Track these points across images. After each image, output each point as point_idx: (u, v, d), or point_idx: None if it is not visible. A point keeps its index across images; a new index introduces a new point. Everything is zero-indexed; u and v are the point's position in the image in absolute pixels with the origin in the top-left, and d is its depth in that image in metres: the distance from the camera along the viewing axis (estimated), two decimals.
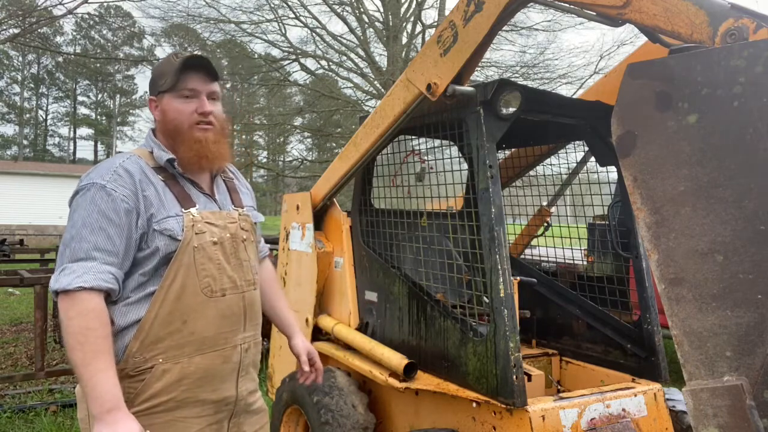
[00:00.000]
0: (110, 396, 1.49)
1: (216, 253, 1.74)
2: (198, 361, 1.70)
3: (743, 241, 1.44)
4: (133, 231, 1.63)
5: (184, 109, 1.75)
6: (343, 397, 3.09)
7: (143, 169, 1.71)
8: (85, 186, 1.64)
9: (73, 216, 1.62)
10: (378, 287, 3.20)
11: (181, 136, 1.76)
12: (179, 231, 1.68)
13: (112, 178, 1.64)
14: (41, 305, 4.57)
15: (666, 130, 1.56)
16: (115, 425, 1.47)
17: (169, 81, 1.74)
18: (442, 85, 2.45)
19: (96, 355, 1.50)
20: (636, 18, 1.83)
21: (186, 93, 1.75)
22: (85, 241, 1.57)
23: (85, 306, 1.52)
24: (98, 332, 1.52)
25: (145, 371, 1.64)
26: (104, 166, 1.70)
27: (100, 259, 1.57)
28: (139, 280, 1.66)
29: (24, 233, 22.15)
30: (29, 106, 51.84)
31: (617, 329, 3.01)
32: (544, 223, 3.81)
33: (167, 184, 1.74)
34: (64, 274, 1.54)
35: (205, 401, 1.74)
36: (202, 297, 1.70)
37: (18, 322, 9.02)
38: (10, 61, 47.80)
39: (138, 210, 1.64)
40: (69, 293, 1.52)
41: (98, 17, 36.48)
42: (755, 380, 1.40)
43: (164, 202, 1.70)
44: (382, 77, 15.60)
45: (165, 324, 1.65)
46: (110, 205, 1.60)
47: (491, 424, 2.49)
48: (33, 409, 4.74)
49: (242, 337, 1.82)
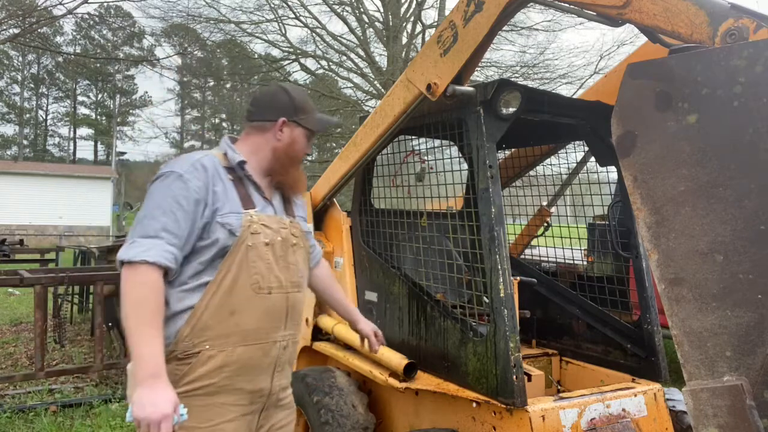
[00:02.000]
0: (154, 363, 1.63)
1: (267, 254, 1.89)
2: (240, 352, 1.83)
3: (743, 241, 1.44)
4: (198, 219, 1.79)
5: (305, 147, 2.06)
6: (343, 397, 3.09)
7: (216, 167, 1.89)
8: (165, 173, 1.81)
9: (151, 197, 1.79)
10: (378, 287, 3.20)
11: (293, 164, 2.04)
12: (238, 227, 1.83)
13: (189, 170, 1.81)
14: (41, 305, 4.57)
15: (666, 130, 1.56)
16: (154, 390, 1.59)
17: (312, 124, 2.05)
18: (442, 85, 2.45)
19: (146, 324, 1.65)
20: (636, 18, 1.83)
21: (311, 136, 2.08)
22: (156, 220, 1.73)
23: (144, 278, 1.67)
24: (152, 303, 1.67)
25: (192, 355, 1.78)
26: (185, 158, 1.88)
27: (166, 239, 1.72)
28: (196, 268, 1.81)
29: (24, 233, 22.12)
30: (29, 106, 51.81)
31: (617, 329, 3.01)
32: (544, 223, 3.81)
33: (234, 184, 1.91)
34: (132, 247, 1.69)
35: (242, 390, 1.85)
36: (250, 292, 1.84)
37: (18, 322, 9.02)
38: (10, 61, 47.75)
39: (206, 201, 1.81)
40: (133, 264, 1.67)
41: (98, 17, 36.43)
42: (755, 380, 1.40)
43: (229, 199, 1.86)
44: (382, 77, 15.60)
45: (214, 313, 1.79)
46: (183, 192, 1.77)
47: (491, 424, 2.49)
48: (33, 409, 4.74)
49: (282, 335, 1.95)
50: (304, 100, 2.05)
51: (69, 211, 26.95)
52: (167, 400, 1.59)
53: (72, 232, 25.74)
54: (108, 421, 4.51)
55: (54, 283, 4.94)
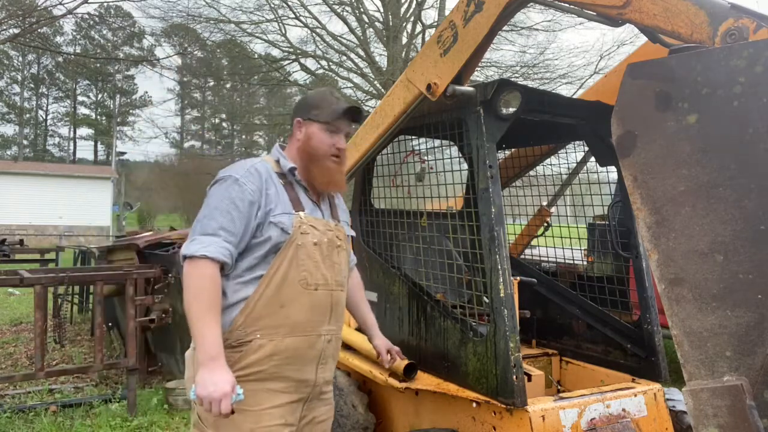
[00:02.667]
0: (214, 347, 1.77)
1: (314, 253, 2.02)
2: (288, 342, 1.95)
3: (743, 241, 1.44)
4: (252, 219, 1.94)
5: (326, 140, 2.10)
6: (343, 397, 3.09)
7: (269, 172, 2.04)
8: (224, 177, 1.98)
9: (209, 199, 1.96)
10: (378, 287, 3.20)
11: (316, 161, 2.10)
12: (290, 226, 1.97)
13: (245, 175, 1.96)
14: (41, 305, 4.57)
15: (666, 130, 1.56)
16: (214, 371, 1.74)
17: (324, 116, 2.09)
18: (442, 85, 2.45)
19: (207, 311, 1.80)
20: (636, 18, 1.83)
21: (332, 128, 2.11)
22: (214, 220, 1.89)
23: (204, 270, 1.83)
24: (211, 293, 1.82)
25: (245, 344, 1.91)
26: (241, 164, 2.03)
27: (223, 237, 1.88)
28: (251, 262, 1.95)
29: (24, 233, 22.10)
30: (29, 106, 51.78)
31: (617, 329, 3.01)
32: (544, 223, 3.81)
33: (286, 188, 2.06)
34: (194, 243, 1.86)
35: (289, 378, 1.98)
36: (298, 287, 1.97)
37: (18, 322, 9.01)
38: (10, 61, 47.73)
39: (259, 203, 1.95)
40: (194, 259, 1.84)
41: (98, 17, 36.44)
42: (755, 380, 1.40)
43: (281, 201, 2.01)
44: (382, 77, 15.60)
45: (266, 305, 1.93)
46: (239, 195, 1.92)
47: (491, 424, 2.49)
48: (33, 409, 4.73)
49: (326, 329, 2.07)
50: (320, 97, 2.16)
51: (69, 211, 26.95)
52: (226, 381, 1.74)
53: (72, 232, 25.73)
54: (108, 421, 4.51)
55: (54, 283, 4.94)
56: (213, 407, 1.71)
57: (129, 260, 6.47)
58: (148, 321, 5.17)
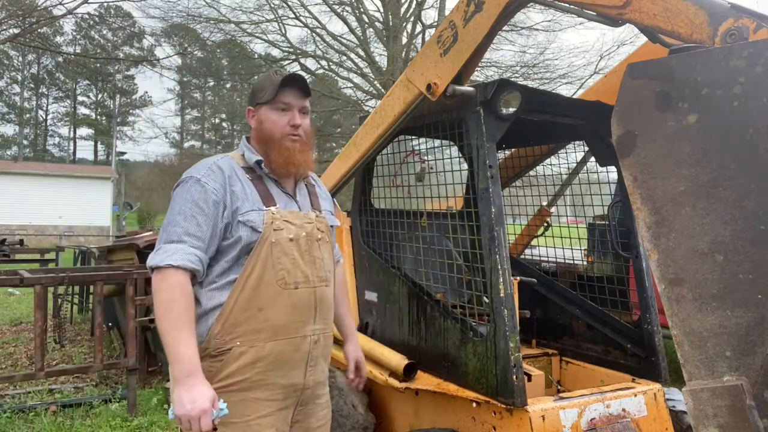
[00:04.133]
0: (189, 361, 1.68)
1: (291, 249, 1.91)
2: (271, 347, 1.86)
3: (743, 241, 1.44)
4: (219, 220, 1.84)
5: (278, 120, 1.96)
6: (343, 397, 3.09)
7: (233, 168, 1.93)
8: (185, 179, 1.88)
9: (172, 204, 1.86)
10: (378, 287, 3.20)
11: (273, 143, 1.96)
12: (260, 224, 1.86)
13: (206, 173, 1.86)
14: (41, 305, 4.57)
15: (666, 130, 1.56)
16: (193, 388, 1.65)
17: (267, 94, 1.95)
18: (442, 85, 2.45)
19: (178, 324, 1.70)
20: (636, 18, 1.83)
21: (281, 106, 1.96)
22: (178, 226, 1.80)
23: (172, 281, 1.74)
24: (181, 304, 1.72)
25: (224, 352, 1.82)
26: (202, 163, 1.93)
27: (189, 243, 1.78)
28: (223, 266, 1.86)
29: (24, 233, 22.12)
30: (29, 106, 51.79)
31: (617, 329, 3.01)
32: (544, 223, 3.81)
33: (254, 182, 1.94)
34: (159, 253, 1.77)
35: (276, 385, 1.88)
36: (276, 288, 1.87)
37: (18, 322, 9.01)
38: (10, 61, 47.74)
39: (225, 202, 1.85)
40: (160, 269, 1.75)
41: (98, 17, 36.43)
42: (755, 380, 1.40)
43: (249, 198, 1.89)
44: (382, 77, 15.60)
45: (243, 310, 1.83)
46: (202, 196, 1.82)
47: (491, 424, 2.49)
48: (33, 409, 4.73)
49: (312, 329, 1.96)
50: (263, 79, 2.03)
51: (69, 211, 26.95)
52: (204, 396, 1.65)
53: (72, 232, 25.75)
54: (108, 421, 4.51)
55: (54, 283, 4.94)
56: (192, 426, 1.62)
57: (129, 260, 6.47)
58: (148, 321, 5.17)
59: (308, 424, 2.02)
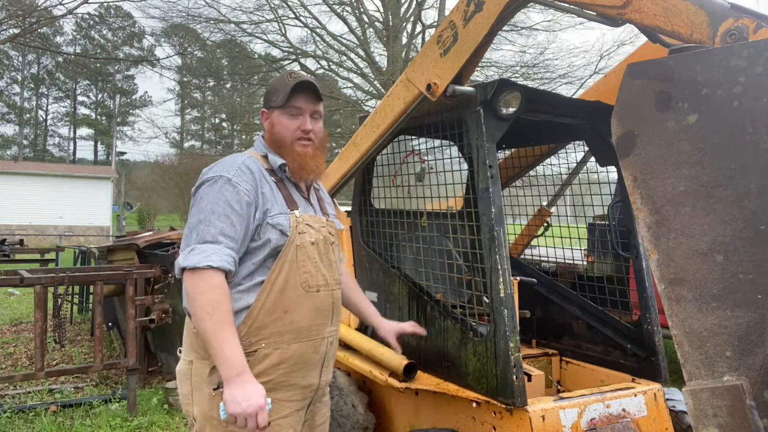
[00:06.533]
0: (238, 361, 1.69)
1: (313, 253, 1.93)
2: (294, 349, 1.88)
3: (743, 241, 1.44)
4: (251, 221, 1.83)
5: (289, 125, 1.96)
6: (343, 397, 3.09)
7: (261, 170, 1.92)
8: (213, 178, 1.83)
9: (200, 203, 1.81)
10: (378, 287, 3.19)
11: (284, 148, 1.97)
12: (288, 227, 1.87)
13: (237, 173, 1.83)
14: (41, 305, 4.57)
15: (666, 130, 1.56)
16: (245, 386, 1.66)
17: (280, 99, 1.95)
18: (442, 85, 2.45)
19: (223, 325, 1.70)
20: (636, 18, 1.83)
21: (293, 111, 1.96)
22: (212, 225, 1.76)
23: (213, 282, 1.71)
24: (224, 305, 1.72)
25: (250, 354, 1.81)
26: (228, 162, 1.89)
27: (225, 243, 1.76)
28: (249, 268, 1.85)
29: (24, 233, 22.10)
30: (29, 106, 51.79)
31: (617, 329, 3.01)
32: (544, 223, 3.81)
33: (278, 185, 1.95)
34: (195, 254, 1.72)
35: (296, 386, 1.91)
36: (301, 291, 1.88)
37: (18, 322, 9.01)
38: (10, 61, 47.74)
39: (256, 204, 1.84)
40: (197, 271, 1.71)
41: (98, 17, 36.54)
42: (755, 380, 1.40)
43: (276, 201, 1.90)
44: (382, 77, 15.60)
45: (269, 312, 1.83)
46: (235, 196, 1.79)
47: (491, 424, 2.49)
48: (33, 409, 4.73)
49: (329, 330, 2.00)
50: (276, 82, 2.03)
51: (69, 211, 26.93)
52: (258, 394, 1.67)
53: (72, 232, 25.73)
54: (108, 421, 4.51)
55: (54, 283, 4.93)
56: (249, 423, 1.64)
57: (129, 260, 6.47)
58: (148, 321, 5.17)
59: (314, 422, 2.06)
